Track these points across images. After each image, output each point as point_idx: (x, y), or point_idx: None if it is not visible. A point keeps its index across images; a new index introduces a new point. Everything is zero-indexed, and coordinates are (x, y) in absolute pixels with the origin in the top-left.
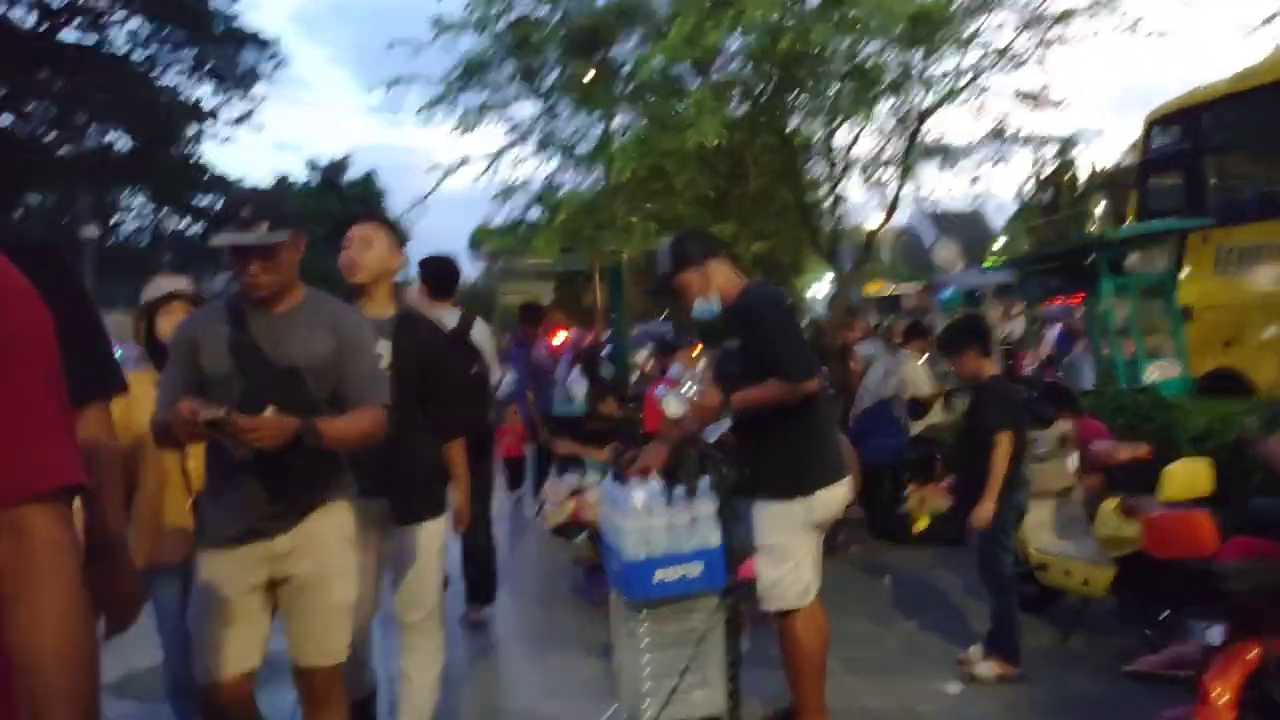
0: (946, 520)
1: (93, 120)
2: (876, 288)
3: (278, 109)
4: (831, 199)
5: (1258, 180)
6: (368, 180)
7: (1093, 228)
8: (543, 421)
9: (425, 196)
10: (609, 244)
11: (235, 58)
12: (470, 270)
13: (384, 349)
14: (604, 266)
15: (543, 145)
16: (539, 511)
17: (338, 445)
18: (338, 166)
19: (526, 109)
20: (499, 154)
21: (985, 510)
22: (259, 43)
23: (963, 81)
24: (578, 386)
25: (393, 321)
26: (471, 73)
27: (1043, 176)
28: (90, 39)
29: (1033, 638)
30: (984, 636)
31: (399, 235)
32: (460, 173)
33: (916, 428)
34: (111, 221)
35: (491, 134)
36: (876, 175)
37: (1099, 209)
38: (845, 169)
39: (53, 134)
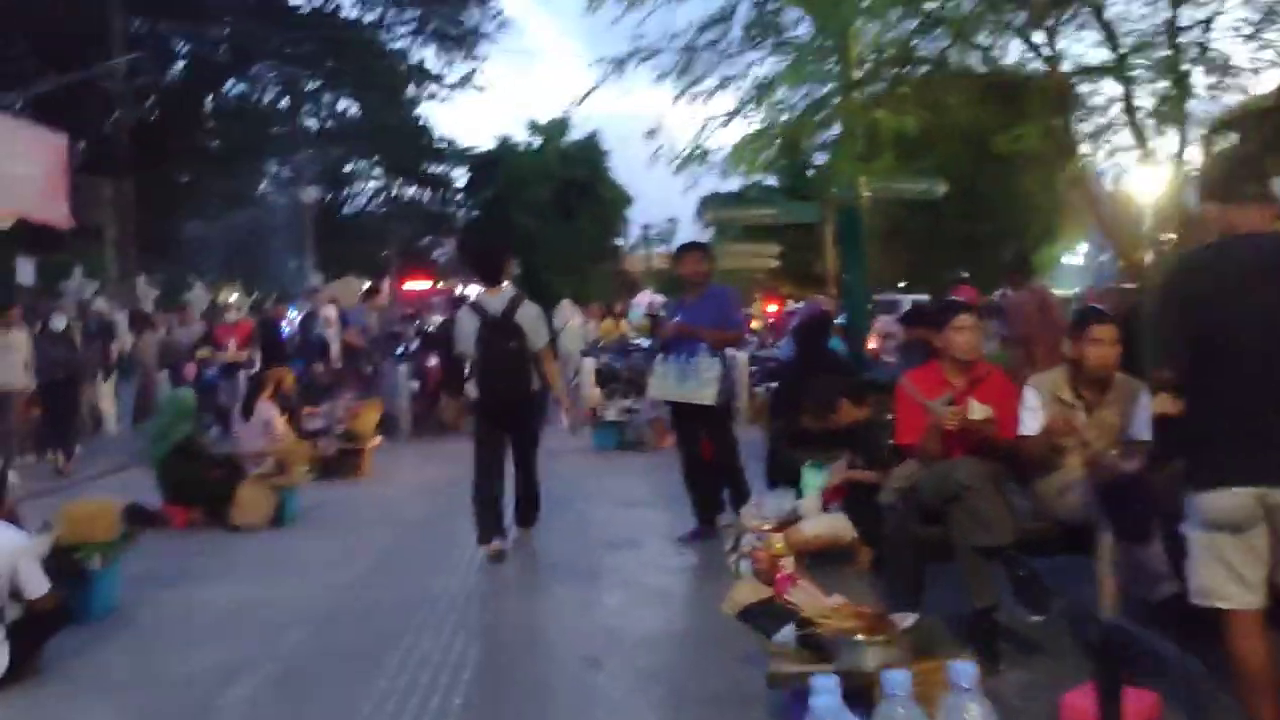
0: None
1: (323, 86)
2: None
3: (504, 75)
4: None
5: None
6: (591, 141)
7: None
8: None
9: (582, 99)
10: (840, 170)
11: (458, 16)
12: (701, 237)
13: None
14: (838, 218)
15: (751, 33)
16: (732, 552)
17: None
18: (558, 126)
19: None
20: (690, 46)
21: None
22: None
23: None
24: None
25: None
26: None
27: None
28: (318, 2)
29: None
30: None
31: None
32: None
33: None
34: (346, 191)
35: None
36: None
37: None
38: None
39: (284, 100)
